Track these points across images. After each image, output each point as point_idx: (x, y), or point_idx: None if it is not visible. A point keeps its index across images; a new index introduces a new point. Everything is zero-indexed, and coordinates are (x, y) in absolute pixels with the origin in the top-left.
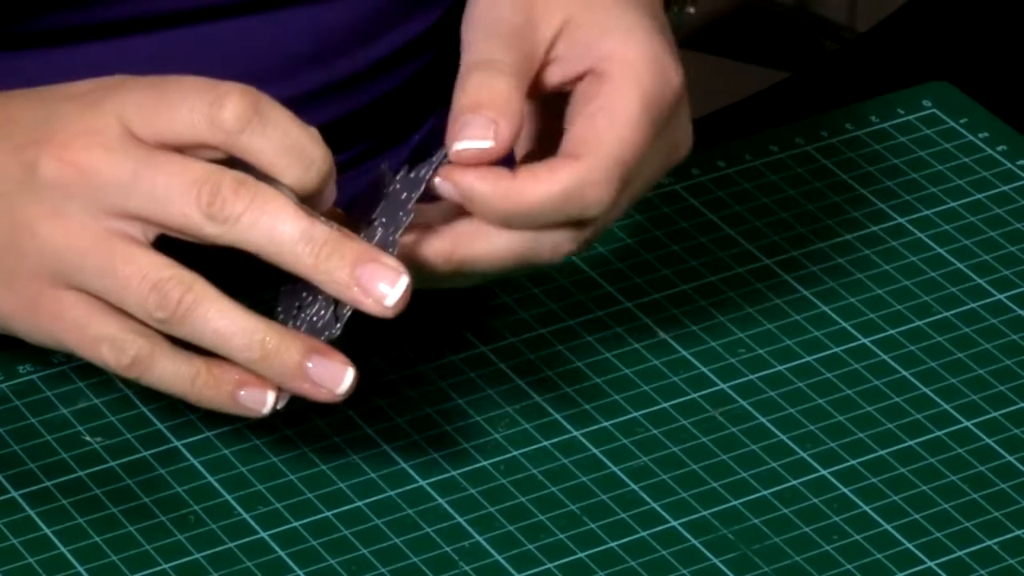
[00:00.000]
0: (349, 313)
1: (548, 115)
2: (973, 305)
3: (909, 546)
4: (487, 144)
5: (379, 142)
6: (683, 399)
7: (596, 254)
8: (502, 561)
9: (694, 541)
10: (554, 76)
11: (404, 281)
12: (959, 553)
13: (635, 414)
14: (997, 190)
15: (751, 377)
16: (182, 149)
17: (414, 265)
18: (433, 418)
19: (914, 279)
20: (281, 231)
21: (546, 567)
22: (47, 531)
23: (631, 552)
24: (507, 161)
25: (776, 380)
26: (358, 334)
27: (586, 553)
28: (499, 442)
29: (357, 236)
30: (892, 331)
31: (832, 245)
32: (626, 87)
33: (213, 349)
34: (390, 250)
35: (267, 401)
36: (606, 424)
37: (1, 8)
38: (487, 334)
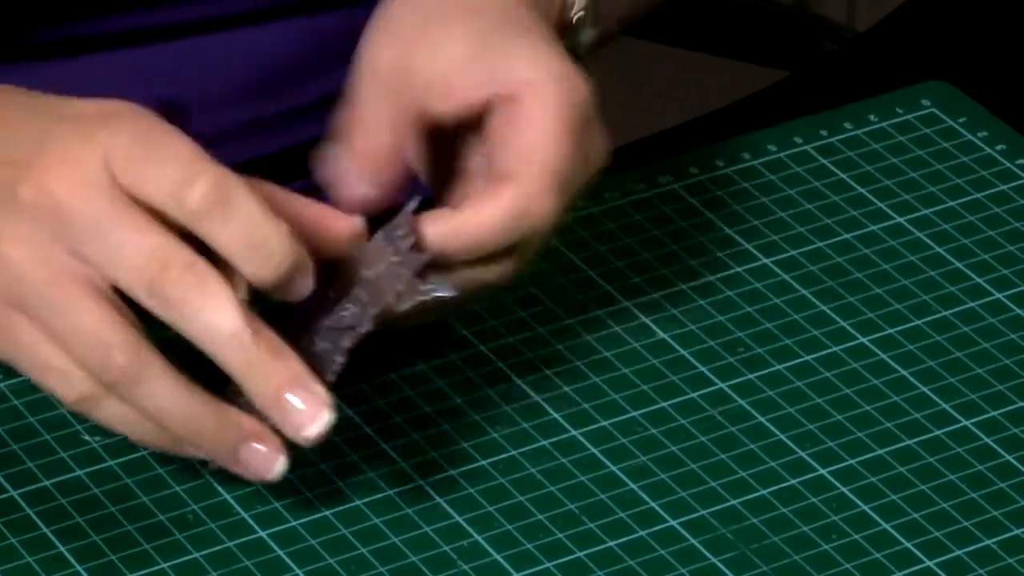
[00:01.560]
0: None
1: (443, 152)
2: (972, 304)
3: (908, 545)
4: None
5: None
6: (682, 398)
7: (595, 253)
8: (501, 560)
9: (693, 540)
10: (451, 109)
11: (326, 418)
12: (958, 552)
13: (634, 413)
14: (996, 189)
15: (750, 376)
16: (153, 211)
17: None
18: (432, 417)
19: (913, 278)
20: (217, 328)
21: (545, 566)
22: (46, 530)
23: (630, 551)
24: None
25: (775, 379)
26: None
27: (585, 552)
28: (498, 441)
29: (292, 353)
30: (891, 330)
31: (831, 244)
32: (540, 104)
33: (152, 420)
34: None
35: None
36: (605, 423)
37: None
38: (486, 333)
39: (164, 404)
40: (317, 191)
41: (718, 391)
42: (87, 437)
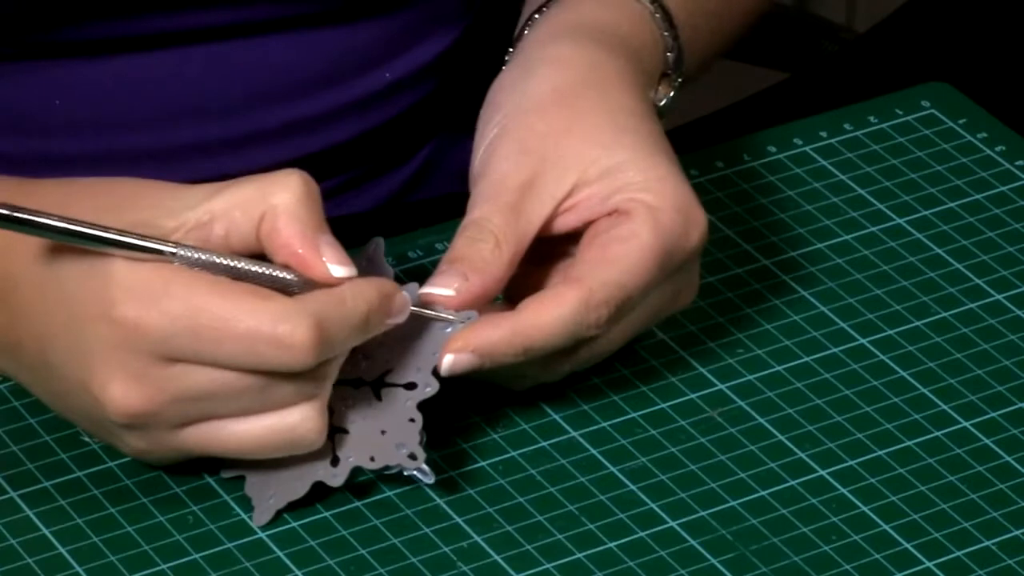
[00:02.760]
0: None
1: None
2: (972, 306)
3: (908, 546)
4: (448, 292)
5: (383, 162)
6: (681, 400)
7: None
8: (500, 561)
9: (692, 541)
10: (568, 222)
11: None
12: (957, 553)
13: (634, 415)
14: (995, 190)
15: (749, 378)
16: None
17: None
18: (431, 418)
19: (913, 279)
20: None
21: (545, 567)
22: (46, 531)
23: (629, 552)
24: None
25: (775, 380)
26: None
27: (584, 553)
28: (498, 442)
29: None
30: (891, 331)
31: (831, 246)
32: (646, 227)
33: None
34: (413, 421)
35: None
36: (604, 424)
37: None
38: None
39: (233, 448)
40: (335, 194)
41: (718, 392)
42: (87, 438)
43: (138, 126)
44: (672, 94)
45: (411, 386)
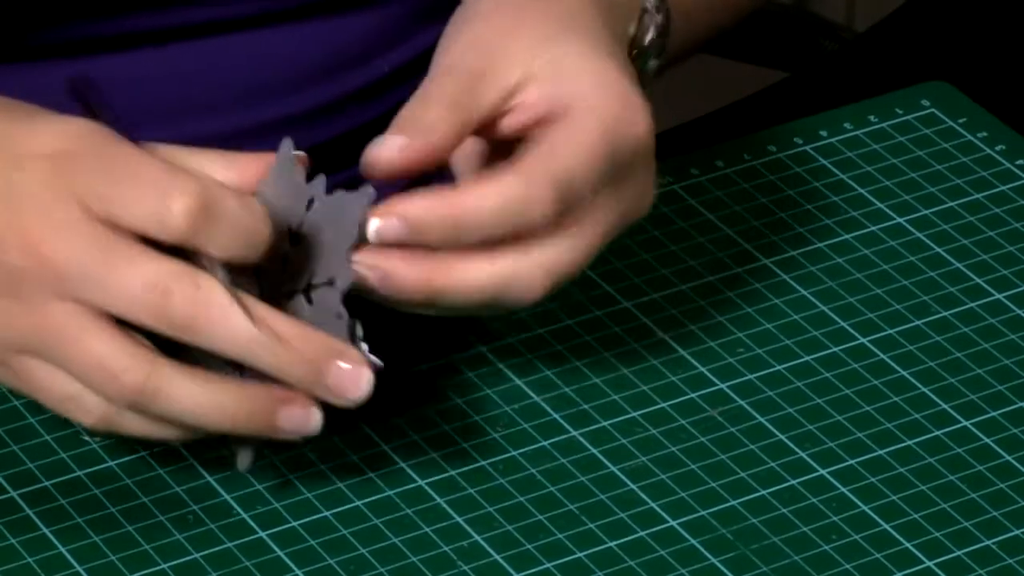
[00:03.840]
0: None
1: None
2: (972, 305)
3: (908, 546)
4: (389, 151)
5: None
6: (682, 399)
7: None
8: (501, 561)
9: (693, 541)
10: (513, 122)
11: (368, 375)
12: (958, 553)
13: (634, 414)
14: (996, 190)
15: (750, 377)
16: (142, 235)
17: (386, 289)
18: (432, 418)
19: (913, 279)
20: (235, 337)
21: (545, 567)
22: (46, 531)
23: (630, 552)
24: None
25: (775, 380)
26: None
27: (585, 553)
28: (498, 442)
29: (313, 333)
30: (891, 331)
31: (831, 245)
32: (588, 118)
33: (180, 424)
34: (340, 323)
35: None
36: (605, 424)
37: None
38: (486, 334)
39: (188, 407)
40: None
41: (718, 391)
42: (87, 438)
43: (131, 124)
44: (653, 30)
45: (332, 282)
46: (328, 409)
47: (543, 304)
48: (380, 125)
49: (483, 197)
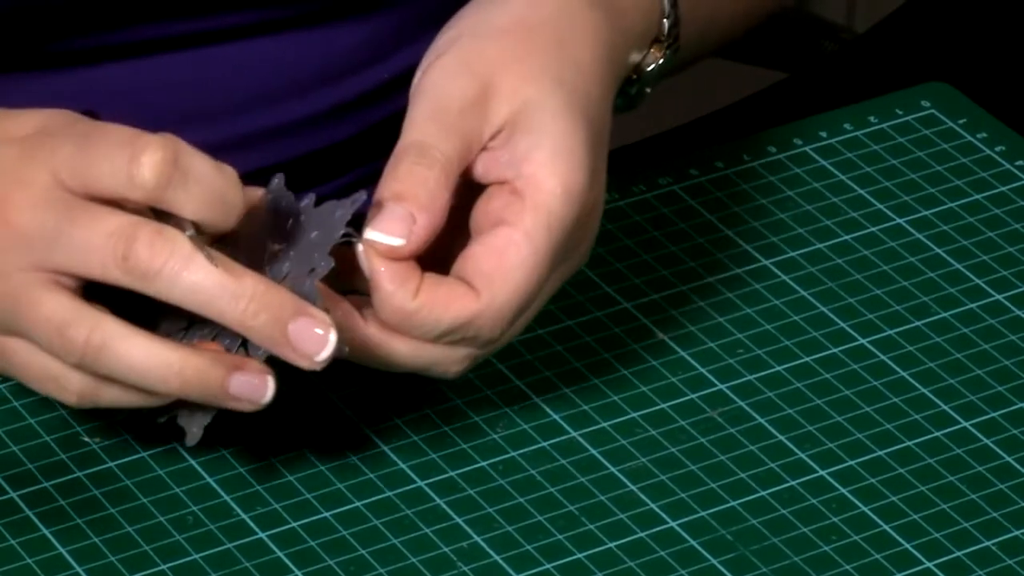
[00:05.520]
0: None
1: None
2: (972, 306)
3: (908, 546)
4: (399, 242)
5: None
6: (681, 400)
7: (595, 255)
8: (501, 562)
9: (692, 542)
10: (480, 167)
11: (333, 337)
12: (958, 554)
13: (633, 415)
14: (995, 191)
15: (749, 378)
16: (112, 201)
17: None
18: (431, 419)
19: (913, 280)
20: (201, 286)
21: (545, 567)
22: (45, 532)
23: (630, 553)
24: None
25: (774, 381)
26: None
27: (585, 554)
28: (498, 443)
29: (279, 287)
30: (890, 332)
31: (830, 246)
32: (539, 221)
33: (131, 384)
34: (310, 298)
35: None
36: (604, 425)
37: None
38: None
39: (137, 363)
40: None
41: (718, 392)
42: (87, 439)
43: None
44: (661, 61)
45: (311, 272)
46: (328, 408)
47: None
48: (384, 130)
49: (437, 318)
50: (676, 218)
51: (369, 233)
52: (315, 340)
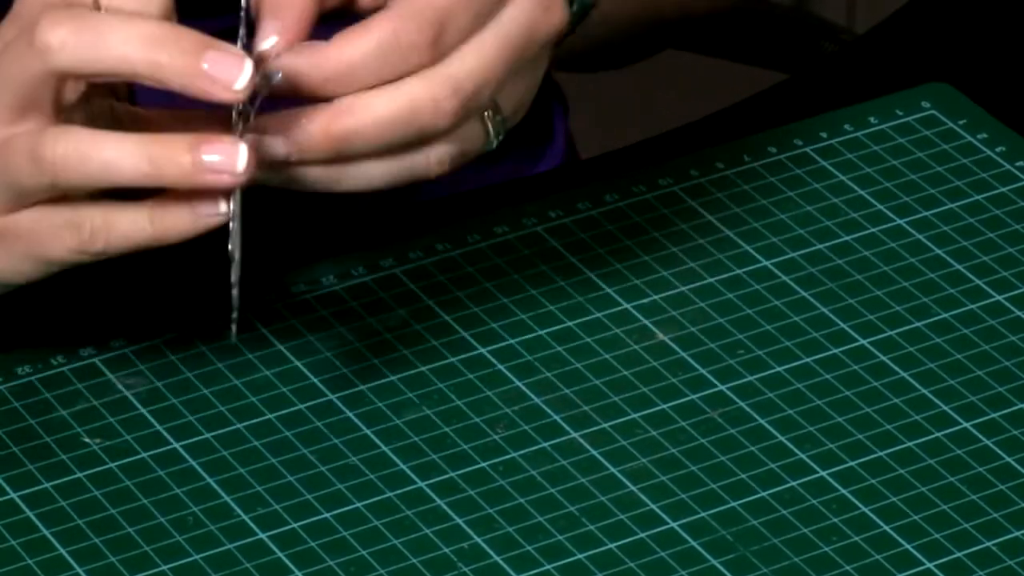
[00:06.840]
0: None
1: None
2: (972, 307)
3: (908, 547)
4: (274, 39)
5: None
6: (682, 400)
7: (594, 255)
8: (501, 562)
9: (693, 542)
10: None
11: (248, 65)
12: (958, 554)
13: (634, 415)
14: (996, 191)
15: (750, 378)
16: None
17: (291, 145)
18: (432, 419)
19: (913, 280)
20: (111, 38)
21: (545, 568)
22: (46, 532)
23: (630, 553)
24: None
25: (775, 381)
26: (356, 334)
27: (585, 554)
28: (498, 443)
29: (189, 28)
30: (891, 332)
31: (831, 247)
32: None
33: (108, 184)
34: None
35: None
36: (605, 425)
37: None
38: (485, 336)
39: (108, 158)
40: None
41: (718, 393)
42: (87, 439)
43: None
44: None
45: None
46: (328, 409)
47: (543, 304)
48: None
49: (354, 45)
50: (676, 219)
51: (261, 47)
52: (230, 64)
